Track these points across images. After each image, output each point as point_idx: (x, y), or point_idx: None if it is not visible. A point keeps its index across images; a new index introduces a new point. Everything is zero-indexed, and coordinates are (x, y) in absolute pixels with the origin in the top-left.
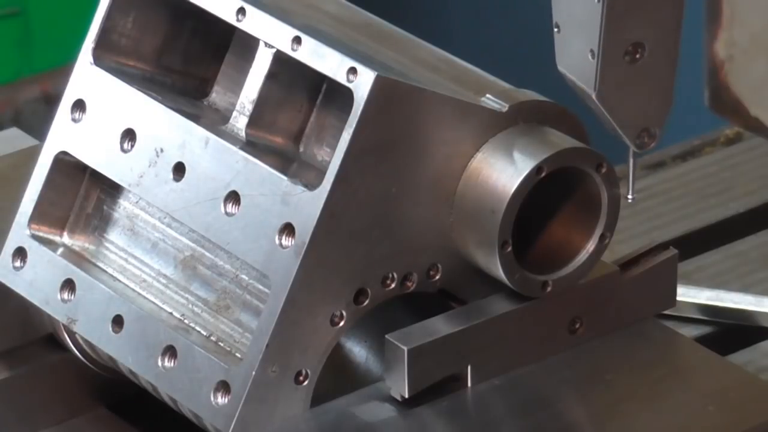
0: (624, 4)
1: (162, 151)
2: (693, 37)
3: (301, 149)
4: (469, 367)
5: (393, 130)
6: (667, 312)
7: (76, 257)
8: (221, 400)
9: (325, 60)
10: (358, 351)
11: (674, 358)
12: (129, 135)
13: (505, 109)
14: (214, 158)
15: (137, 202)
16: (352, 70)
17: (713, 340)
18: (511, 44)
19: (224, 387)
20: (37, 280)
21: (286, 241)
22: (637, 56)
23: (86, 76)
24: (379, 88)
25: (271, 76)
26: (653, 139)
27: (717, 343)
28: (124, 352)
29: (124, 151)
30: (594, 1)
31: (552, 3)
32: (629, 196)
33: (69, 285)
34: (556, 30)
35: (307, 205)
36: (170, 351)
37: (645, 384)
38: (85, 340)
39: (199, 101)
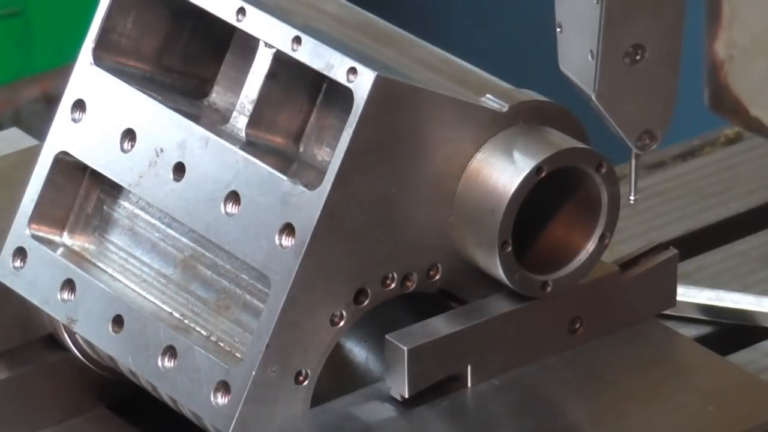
0: (623, 5)
1: (162, 151)
2: (693, 37)
3: (301, 149)
4: (469, 367)
5: (393, 130)
6: (667, 312)
7: (76, 257)
8: (221, 400)
9: (325, 60)
10: (358, 351)
11: (674, 358)
12: (129, 135)
13: (505, 109)
14: (214, 158)
15: (137, 202)
16: (352, 70)
17: (713, 340)
18: (511, 44)
19: (224, 387)
20: (37, 280)
21: (286, 241)
22: (638, 58)
23: (86, 76)
24: (379, 88)
25: (271, 76)
26: (655, 141)
27: (717, 343)
28: (124, 352)
29: (124, 151)
30: (593, 1)
31: (555, 2)
32: (631, 197)
33: (69, 285)
34: (558, 30)
35: (307, 205)
36: (170, 351)
37: (645, 384)
38: (85, 340)
39: (199, 101)
